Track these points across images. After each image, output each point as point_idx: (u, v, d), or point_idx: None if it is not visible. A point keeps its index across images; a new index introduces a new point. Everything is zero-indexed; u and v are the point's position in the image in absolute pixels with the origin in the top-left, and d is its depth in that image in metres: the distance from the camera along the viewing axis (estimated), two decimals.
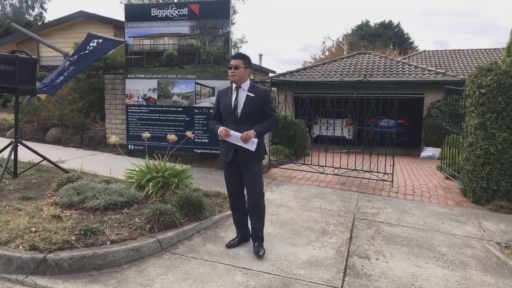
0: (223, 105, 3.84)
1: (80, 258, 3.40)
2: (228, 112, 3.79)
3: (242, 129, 3.67)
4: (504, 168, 6.02)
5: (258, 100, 3.75)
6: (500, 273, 3.92)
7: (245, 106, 3.72)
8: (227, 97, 3.82)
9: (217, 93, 4.02)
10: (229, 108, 3.77)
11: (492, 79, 5.99)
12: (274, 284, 3.39)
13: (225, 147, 3.82)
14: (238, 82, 3.75)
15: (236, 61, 3.73)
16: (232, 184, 3.97)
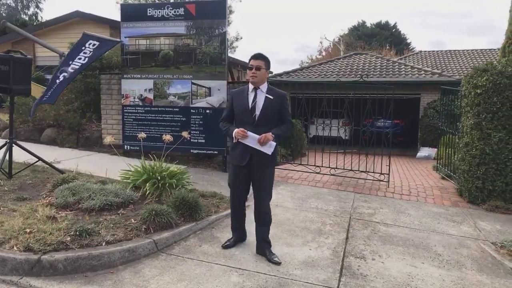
0: (239, 106, 3.69)
1: (75, 259, 3.38)
2: (245, 113, 3.65)
3: (260, 131, 3.55)
4: (499, 168, 6.04)
5: (277, 103, 3.64)
6: (495, 273, 3.93)
7: (264, 108, 3.60)
8: (243, 98, 3.68)
9: (230, 94, 3.88)
10: (246, 109, 3.64)
11: (488, 79, 6.01)
12: (270, 285, 3.38)
13: (239, 149, 3.66)
14: (257, 84, 3.63)
15: (258, 62, 3.60)
16: (240, 189, 3.84)
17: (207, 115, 7.10)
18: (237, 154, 3.71)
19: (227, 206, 5.15)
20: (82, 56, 7.10)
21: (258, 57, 3.64)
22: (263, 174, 3.72)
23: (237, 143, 3.64)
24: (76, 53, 7.07)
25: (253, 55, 3.67)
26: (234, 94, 3.80)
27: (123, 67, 7.59)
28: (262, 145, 3.54)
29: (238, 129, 3.57)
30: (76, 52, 7.08)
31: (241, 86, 7.45)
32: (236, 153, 3.72)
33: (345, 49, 33.06)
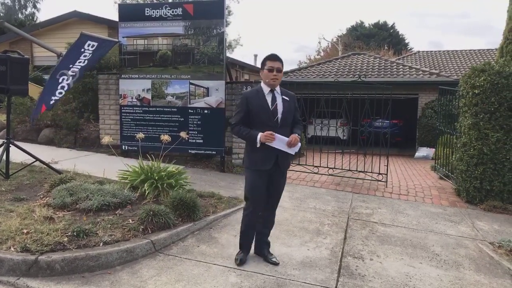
0: (258, 108, 3.50)
1: (73, 259, 3.37)
2: (266, 116, 3.48)
3: (282, 133, 3.46)
4: (497, 168, 6.05)
5: (292, 104, 3.61)
6: (493, 273, 3.93)
7: (284, 110, 3.53)
8: (260, 101, 3.51)
9: (244, 96, 3.59)
10: (267, 112, 3.49)
11: (485, 79, 6.02)
12: (268, 285, 3.38)
13: (262, 153, 3.48)
14: (276, 86, 3.55)
15: (278, 64, 3.49)
16: (262, 195, 3.61)
17: (205, 115, 7.09)
18: (260, 158, 3.51)
19: (225, 206, 5.16)
20: (82, 59, 7.08)
21: (277, 58, 3.52)
22: (283, 175, 3.68)
23: (259, 147, 3.45)
24: (76, 55, 7.03)
25: (271, 56, 3.54)
26: (249, 96, 3.57)
27: (121, 67, 7.58)
28: (291, 146, 3.46)
29: (265, 132, 3.37)
30: (75, 54, 7.04)
31: (239, 86, 7.50)
32: (258, 157, 3.52)
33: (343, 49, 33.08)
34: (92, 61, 7.07)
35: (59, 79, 6.97)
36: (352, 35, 37.60)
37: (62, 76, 6.98)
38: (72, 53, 7.07)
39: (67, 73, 6.98)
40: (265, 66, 3.52)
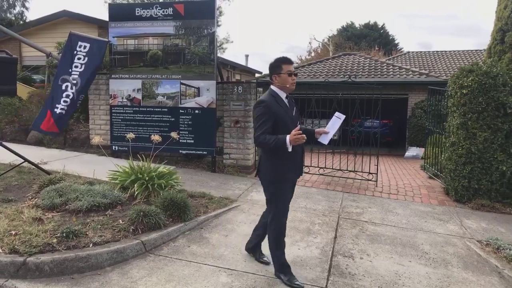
0: (282, 116, 3.27)
1: (62, 261, 3.34)
2: (291, 123, 3.29)
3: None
4: (485, 167, 6.12)
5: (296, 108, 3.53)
6: (481, 270, 3.98)
7: (296, 117, 3.45)
8: (282, 107, 3.30)
9: (266, 105, 3.24)
10: (290, 118, 3.33)
11: (473, 79, 6.10)
12: (258, 285, 3.39)
13: (293, 161, 3.34)
14: (291, 91, 3.38)
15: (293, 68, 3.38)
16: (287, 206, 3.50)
17: (196, 115, 7.07)
18: (291, 167, 3.35)
19: (216, 207, 5.16)
20: (78, 64, 7.04)
21: (292, 61, 3.43)
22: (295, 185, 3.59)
23: (287, 156, 3.22)
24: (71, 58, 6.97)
25: (287, 59, 3.37)
26: (271, 104, 3.26)
27: (111, 67, 7.53)
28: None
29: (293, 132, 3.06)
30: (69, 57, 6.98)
31: (230, 86, 7.50)
32: (290, 166, 3.33)
33: (334, 50, 33.23)
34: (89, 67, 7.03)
35: (62, 86, 6.95)
36: (343, 35, 37.76)
37: (65, 82, 6.95)
38: (65, 56, 7.02)
39: (69, 79, 6.94)
40: (282, 70, 3.31)
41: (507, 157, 6.02)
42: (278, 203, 3.41)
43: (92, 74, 7.27)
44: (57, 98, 6.90)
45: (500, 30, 7.00)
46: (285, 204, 3.46)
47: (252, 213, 5.17)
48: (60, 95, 6.92)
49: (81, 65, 7.05)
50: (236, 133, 7.44)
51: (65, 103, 6.98)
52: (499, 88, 5.99)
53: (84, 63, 7.07)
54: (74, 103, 7.05)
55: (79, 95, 7.08)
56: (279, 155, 3.26)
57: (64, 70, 7.00)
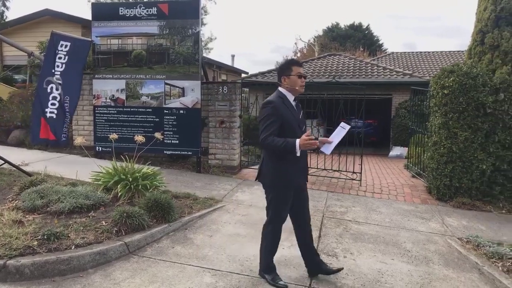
0: (290, 118, 3.22)
1: (43, 263, 3.30)
2: (297, 126, 3.26)
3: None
4: (465, 166, 6.25)
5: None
6: (461, 267, 4.06)
7: (303, 119, 3.42)
8: (289, 110, 3.25)
9: (273, 106, 3.18)
10: (297, 121, 3.30)
11: (454, 80, 6.21)
12: (243, 285, 3.40)
13: (298, 166, 3.29)
14: (300, 93, 3.36)
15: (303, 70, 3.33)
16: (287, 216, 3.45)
17: (181, 116, 7.04)
18: (296, 172, 3.27)
19: (201, 207, 5.15)
20: (59, 63, 6.96)
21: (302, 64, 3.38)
22: (305, 192, 3.47)
23: (292, 160, 3.18)
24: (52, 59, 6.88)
25: (296, 61, 3.36)
26: (279, 105, 3.20)
27: (95, 67, 7.45)
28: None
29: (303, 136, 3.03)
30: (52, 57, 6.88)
31: (215, 86, 7.49)
32: (295, 171, 3.26)
33: (319, 50, 33.41)
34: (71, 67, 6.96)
35: (47, 88, 6.85)
36: (328, 36, 37.98)
37: (50, 84, 6.86)
38: (48, 57, 6.92)
39: (53, 80, 6.84)
40: (292, 71, 3.24)
41: (487, 156, 6.15)
42: (277, 208, 3.34)
43: (77, 75, 7.18)
44: (45, 101, 6.80)
45: (480, 32, 7.12)
46: (284, 210, 3.36)
47: (237, 213, 5.17)
48: (47, 98, 6.82)
49: (61, 64, 6.98)
50: (221, 134, 7.44)
51: (53, 106, 6.89)
52: (479, 89, 6.11)
53: (64, 62, 6.99)
54: (62, 105, 6.97)
55: (65, 96, 7.00)
56: (284, 159, 3.17)
57: (48, 71, 6.91)
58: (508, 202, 6.18)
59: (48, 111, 6.83)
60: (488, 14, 7.10)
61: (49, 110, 6.85)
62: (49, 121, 6.67)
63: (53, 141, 6.97)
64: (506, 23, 6.97)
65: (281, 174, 3.23)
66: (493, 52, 6.95)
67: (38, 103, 6.78)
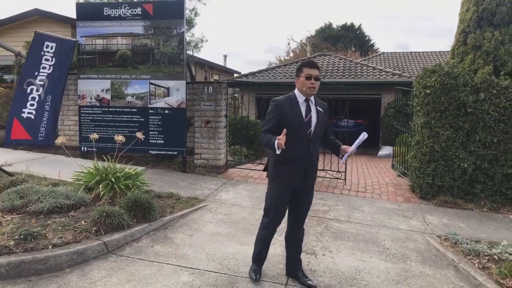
0: (291, 119, 3.24)
1: (19, 263, 3.30)
2: (299, 127, 3.24)
3: (314, 148, 3.32)
4: (447, 165, 6.32)
5: (325, 116, 3.38)
6: (438, 264, 4.12)
7: (318, 123, 3.30)
8: (294, 110, 3.26)
9: (276, 104, 3.30)
10: (301, 123, 3.25)
11: (436, 80, 6.28)
12: (219, 283, 3.42)
13: (293, 166, 3.28)
14: (312, 95, 3.31)
15: (316, 71, 3.24)
16: (284, 211, 3.48)
17: (166, 116, 7.05)
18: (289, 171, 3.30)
19: (183, 207, 5.16)
20: (46, 65, 6.93)
21: (316, 66, 3.28)
22: (309, 193, 3.46)
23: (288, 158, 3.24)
24: (37, 59, 6.85)
25: (308, 63, 3.33)
26: (281, 104, 3.29)
27: (80, 67, 7.42)
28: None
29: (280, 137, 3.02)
30: (36, 58, 6.85)
31: (200, 86, 7.50)
32: (286, 171, 3.30)
33: (311, 50, 33.51)
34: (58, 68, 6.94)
35: (27, 89, 6.80)
36: (321, 36, 38.12)
37: (30, 86, 6.81)
38: (32, 57, 6.87)
39: (35, 82, 6.81)
40: (302, 73, 3.26)
41: (468, 155, 6.23)
42: (269, 202, 3.45)
43: (63, 76, 7.15)
44: (22, 102, 6.75)
45: (462, 32, 7.22)
46: (277, 209, 3.41)
47: (219, 213, 5.20)
48: (26, 99, 6.78)
49: (49, 66, 6.95)
50: (207, 133, 7.45)
51: (32, 106, 6.85)
52: (460, 88, 6.19)
53: (52, 64, 6.97)
54: (42, 104, 6.93)
55: (46, 96, 6.97)
56: (280, 157, 3.17)
57: (30, 73, 6.85)
58: (489, 200, 6.26)
59: (26, 111, 6.78)
60: (470, 15, 7.21)
61: (27, 110, 6.79)
62: (25, 122, 6.63)
63: (29, 141, 6.92)
64: (488, 23, 7.10)
65: (276, 171, 3.35)
66: (475, 52, 7.06)
67: (15, 104, 6.73)
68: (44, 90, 6.92)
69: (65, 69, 7.17)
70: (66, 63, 7.17)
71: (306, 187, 3.40)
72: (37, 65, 6.87)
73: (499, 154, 6.20)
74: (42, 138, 6.95)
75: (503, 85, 6.16)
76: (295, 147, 3.21)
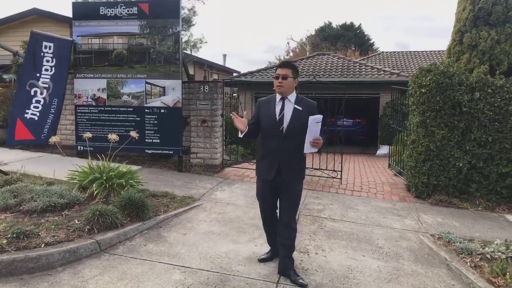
0: (265, 116, 3.44)
1: (11, 261, 3.31)
2: (272, 125, 3.40)
3: (288, 145, 3.35)
4: (443, 164, 6.32)
5: (306, 114, 3.31)
6: (430, 263, 4.13)
7: (292, 120, 3.36)
8: (269, 108, 3.44)
9: (258, 102, 3.59)
10: (273, 121, 3.39)
11: (431, 79, 6.28)
12: (211, 281, 3.43)
13: (267, 161, 3.43)
14: (285, 94, 3.39)
15: (284, 70, 3.37)
16: (267, 205, 3.64)
17: (162, 115, 7.06)
18: (263, 167, 3.48)
19: (178, 206, 5.18)
20: (48, 66, 6.92)
21: (285, 65, 3.45)
22: (291, 190, 3.47)
23: (263, 156, 3.44)
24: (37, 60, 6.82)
25: (280, 63, 3.54)
26: (261, 104, 3.53)
27: (76, 66, 7.43)
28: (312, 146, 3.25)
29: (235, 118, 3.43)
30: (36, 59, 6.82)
31: (196, 85, 7.51)
32: (263, 166, 3.49)
33: (311, 50, 33.52)
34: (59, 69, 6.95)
35: (31, 91, 6.78)
36: (320, 35, 38.13)
37: (33, 87, 6.80)
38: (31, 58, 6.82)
39: (38, 84, 6.80)
40: (275, 73, 3.43)
41: (463, 154, 6.24)
42: (256, 194, 3.73)
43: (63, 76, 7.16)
44: (26, 104, 6.72)
45: (458, 31, 7.22)
46: (260, 201, 3.71)
47: (213, 212, 5.21)
48: (29, 101, 6.75)
49: (50, 67, 6.95)
50: (203, 133, 7.46)
51: (36, 108, 6.85)
52: (455, 87, 6.19)
53: (53, 65, 6.97)
54: (47, 107, 6.94)
55: (52, 99, 6.99)
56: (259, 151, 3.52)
57: (31, 73, 6.81)
58: (484, 199, 6.27)
59: (29, 113, 6.78)
60: (466, 14, 7.21)
61: (30, 112, 6.79)
62: (28, 122, 6.62)
63: (31, 141, 6.93)
64: (484, 23, 7.10)
65: (257, 165, 3.65)
66: (471, 52, 7.06)
67: (17, 105, 6.72)
68: (49, 93, 6.92)
69: (65, 69, 7.17)
70: (65, 63, 7.17)
71: (283, 184, 3.44)
72: (38, 66, 6.83)
73: (494, 153, 6.20)
74: (44, 138, 6.96)
75: (498, 84, 6.17)
76: (269, 144, 3.44)
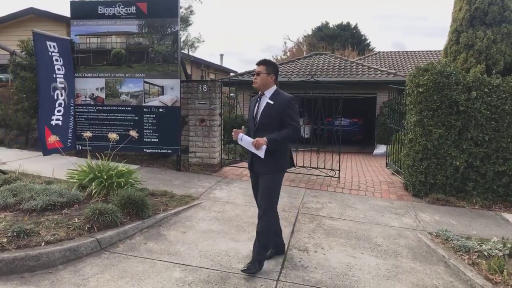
0: (249, 112, 3.83)
1: (11, 260, 3.32)
2: (249, 119, 3.80)
3: (260, 136, 3.53)
4: (440, 162, 6.37)
5: (277, 108, 3.54)
6: (428, 260, 4.17)
7: (263, 114, 3.61)
8: (252, 104, 3.79)
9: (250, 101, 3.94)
10: (250, 115, 3.76)
11: (428, 78, 6.33)
12: (211, 279, 3.45)
13: (249, 153, 3.76)
14: (261, 89, 3.64)
15: (259, 67, 3.65)
16: (255, 197, 3.89)
17: (161, 114, 7.07)
18: (248, 158, 3.81)
19: (177, 204, 5.19)
20: (59, 66, 6.88)
21: (259, 63, 3.69)
22: (262, 179, 3.64)
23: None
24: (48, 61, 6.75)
25: (257, 62, 3.72)
26: (250, 101, 3.89)
27: (74, 65, 7.41)
28: (256, 149, 3.51)
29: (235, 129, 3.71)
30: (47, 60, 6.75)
31: (195, 85, 7.53)
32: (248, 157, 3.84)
33: (308, 50, 33.57)
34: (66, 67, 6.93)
35: (54, 95, 6.70)
36: (317, 35, 38.19)
37: (56, 91, 6.74)
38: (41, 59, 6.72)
39: (57, 86, 6.75)
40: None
41: (460, 153, 6.28)
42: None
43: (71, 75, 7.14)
44: (50, 109, 6.60)
45: (455, 31, 7.28)
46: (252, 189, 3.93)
47: (212, 210, 5.23)
48: (53, 106, 6.66)
49: (61, 67, 6.92)
50: (201, 132, 7.48)
51: (59, 112, 6.81)
52: (452, 87, 6.24)
53: (62, 64, 6.94)
54: (67, 109, 6.92)
55: (69, 100, 6.99)
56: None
57: (49, 77, 6.66)
58: (481, 197, 6.32)
59: (54, 119, 6.70)
60: (463, 14, 7.27)
61: (55, 117, 6.71)
62: (54, 129, 6.51)
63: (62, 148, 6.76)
64: (480, 22, 7.15)
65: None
66: (468, 51, 7.12)
67: (43, 112, 6.56)
68: (66, 94, 6.90)
69: (70, 68, 7.15)
70: (70, 62, 7.14)
71: (258, 172, 3.69)
72: (50, 67, 6.70)
73: (490, 152, 6.26)
74: (71, 145, 6.95)
75: (495, 84, 6.22)
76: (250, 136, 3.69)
